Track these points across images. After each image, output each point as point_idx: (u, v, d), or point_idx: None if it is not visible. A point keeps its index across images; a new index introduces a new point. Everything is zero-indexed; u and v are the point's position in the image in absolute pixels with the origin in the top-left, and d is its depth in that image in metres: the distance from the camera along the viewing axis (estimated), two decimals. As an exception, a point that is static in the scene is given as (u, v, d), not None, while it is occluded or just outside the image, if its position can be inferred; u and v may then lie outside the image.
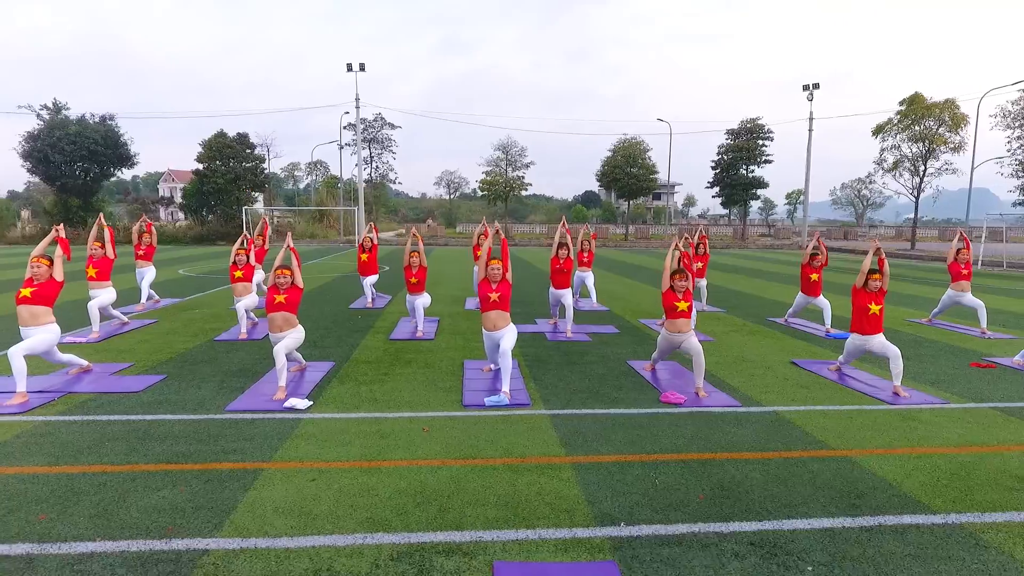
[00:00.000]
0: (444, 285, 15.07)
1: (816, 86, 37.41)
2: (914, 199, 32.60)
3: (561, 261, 9.23)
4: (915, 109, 30.78)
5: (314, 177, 66.64)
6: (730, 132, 42.33)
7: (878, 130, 32.95)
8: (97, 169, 35.87)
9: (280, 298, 5.97)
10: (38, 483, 3.82)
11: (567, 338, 8.68)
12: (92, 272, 8.50)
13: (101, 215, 9.43)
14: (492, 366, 6.72)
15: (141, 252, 11.09)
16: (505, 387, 5.76)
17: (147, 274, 11.12)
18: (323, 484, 3.87)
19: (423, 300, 8.85)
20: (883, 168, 32.90)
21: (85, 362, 6.41)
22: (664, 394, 5.88)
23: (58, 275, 5.82)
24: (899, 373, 6.09)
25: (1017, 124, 25.10)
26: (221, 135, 35.95)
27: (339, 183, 65.13)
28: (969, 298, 9.76)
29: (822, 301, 9.52)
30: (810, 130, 38.39)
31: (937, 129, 30.04)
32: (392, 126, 39.55)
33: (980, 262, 23.71)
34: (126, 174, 48.58)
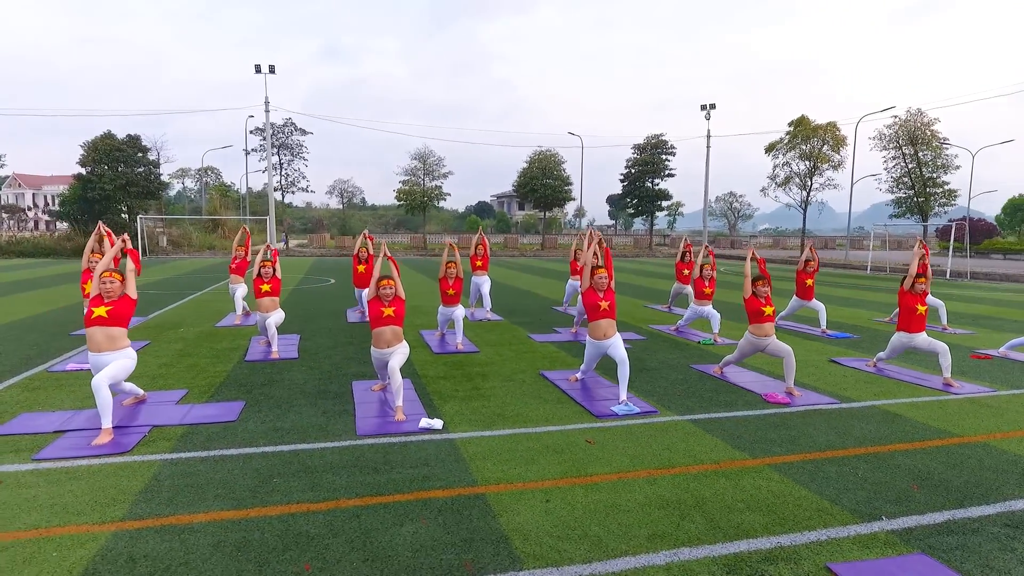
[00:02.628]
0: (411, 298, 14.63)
1: (713, 106, 40.43)
2: (802, 211, 36.16)
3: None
4: (802, 130, 34.21)
5: (199, 183, 61.82)
6: (636, 147, 44.74)
7: (770, 148, 36.23)
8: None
9: (389, 311, 5.59)
10: (247, 530, 3.33)
11: (604, 346, 8.77)
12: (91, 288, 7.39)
13: (101, 223, 8.25)
14: (579, 375, 6.68)
15: (105, 265, 9.82)
16: (623, 395, 5.78)
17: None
18: (562, 504, 3.70)
19: (461, 311, 8.60)
20: (776, 183, 36.23)
21: (141, 391, 5.63)
22: (767, 395, 6.15)
23: (132, 292, 5.07)
24: (948, 366, 6.78)
25: (892, 146, 28.66)
26: (109, 136, 32.42)
27: (231, 188, 61.02)
28: (931, 299, 11.01)
29: (817, 304, 10.34)
30: (708, 147, 41.39)
31: (822, 148, 33.61)
32: (303, 132, 37.64)
33: (869, 267, 26.77)
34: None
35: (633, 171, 44.42)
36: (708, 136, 41.30)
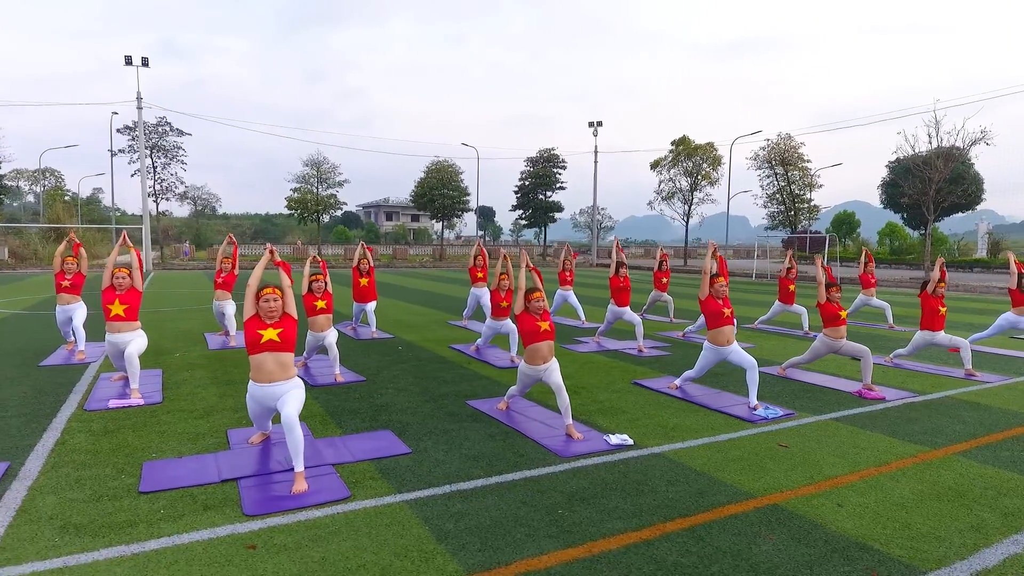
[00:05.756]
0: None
1: (600, 123, 42.63)
2: (684, 223, 39.25)
3: (622, 279, 9.50)
4: (684, 149, 37.20)
5: (30, 187, 53.57)
6: (529, 160, 45.91)
7: (655, 164, 38.95)
8: None
9: (544, 325, 5.33)
10: (617, 567, 3.06)
11: (642, 354, 8.97)
12: (119, 309, 6.23)
13: (125, 232, 6.89)
14: (678, 382, 6.80)
15: (67, 283, 8.30)
16: (754, 400, 5.98)
17: (78, 311, 8.35)
18: (856, 506, 3.80)
19: (512, 325, 8.34)
20: (661, 197, 39.01)
21: (269, 426, 4.86)
22: (860, 392, 6.67)
23: (293, 310, 4.38)
24: (969, 358, 7.80)
25: (765, 166, 32.13)
26: (-69, 129, 26.98)
27: (69, 194, 53.44)
28: (876, 301, 12.54)
29: (799, 308, 11.36)
30: (595, 162, 43.53)
31: (703, 165, 36.79)
32: (180, 132, 33.93)
33: (754, 275, 29.73)
34: None
35: (527, 184, 45.56)
36: (596, 152, 43.44)
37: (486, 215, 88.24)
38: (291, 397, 4.12)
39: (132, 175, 32.26)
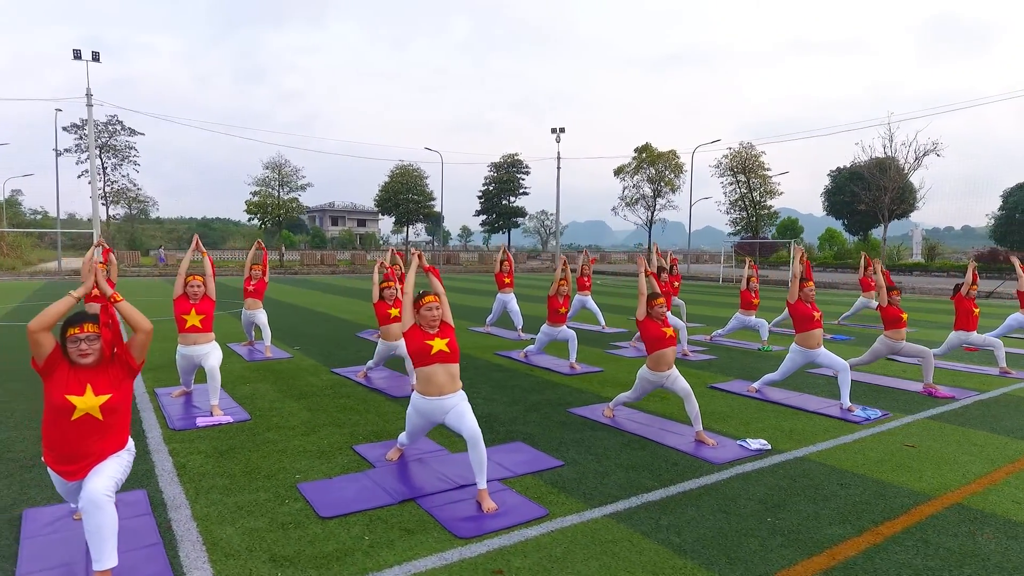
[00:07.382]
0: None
1: (563, 130, 43.02)
2: (647, 228, 40.10)
3: (663, 284, 9.58)
4: (648, 156, 38.03)
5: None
6: (492, 165, 45.86)
7: (619, 170, 39.64)
8: None
9: (669, 331, 5.29)
10: (867, 575, 3.04)
11: (687, 357, 9.06)
12: (196, 320, 5.80)
13: (197, 237, 6.38)
14: (757, 385, 6.89)
15: (97, 292, 7.68)
16: (848, 401, 6.13)
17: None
18: (1030, 503, 3.93)
19: (570, 331, 8.26)
20: (625, 202, 39.74)
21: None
22: (929, 393, 6.93)
23: (450, 318, 4.19)
24: (1003, 356, 8.25)
25: (728, 174, 33.25)
26: None
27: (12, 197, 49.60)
28: (876, 303, 13.14)
29: (813, 311, 11.74)
30: (558, 168, 43.88)
31: (667, 173, 37.72)
32: (133, 132, 32.03)
33: (721, 279, 30.65)
34: None
35: (491, 189, 45.52)
36: (558, 158, 43.79)
37: (435, 220, 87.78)
38: (465, 410, 3.94)
39: (79, 176, 30.28)
